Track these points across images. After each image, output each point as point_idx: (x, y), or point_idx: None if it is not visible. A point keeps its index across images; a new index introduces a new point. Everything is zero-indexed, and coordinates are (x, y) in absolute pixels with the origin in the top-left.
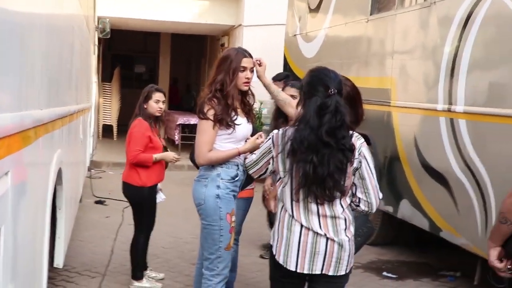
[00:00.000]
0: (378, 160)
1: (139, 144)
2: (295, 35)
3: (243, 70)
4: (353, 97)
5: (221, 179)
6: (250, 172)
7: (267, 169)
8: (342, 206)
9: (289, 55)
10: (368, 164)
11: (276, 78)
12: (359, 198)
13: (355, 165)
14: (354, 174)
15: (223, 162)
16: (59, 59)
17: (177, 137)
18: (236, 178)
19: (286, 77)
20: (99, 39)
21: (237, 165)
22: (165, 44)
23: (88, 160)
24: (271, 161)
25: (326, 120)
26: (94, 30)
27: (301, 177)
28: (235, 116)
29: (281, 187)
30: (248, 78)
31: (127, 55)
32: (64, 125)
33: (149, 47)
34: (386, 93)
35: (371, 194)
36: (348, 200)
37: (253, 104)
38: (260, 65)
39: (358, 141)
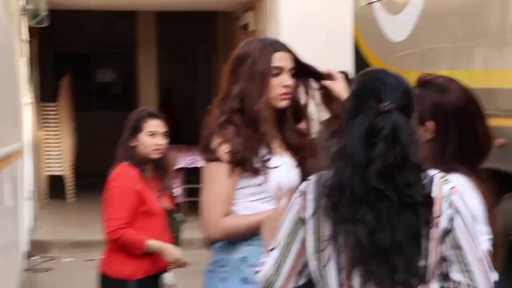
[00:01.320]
0: None
1: (122, 208)
2: (371, 2)
3: (278, 74)
4: (465, 109)
5: (249, 266)
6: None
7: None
8: None
9: (362, 37)
10: (466, 224)
11: None
12: (457, 282)
13: (443, 225)
14: (443, 241)
15: (249, 235)
16: None
17: (178, 190)
18: None
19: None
20: (30, 29)
21: None
22: (147, 32)
23: (26, 241)
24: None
25: (378, 153)
26: (20, 16)
27: (352, 249)
28: (268, 154)
29: (318, 268)
30: (287, 86)
31: (82, 53)
32: None
33: (119, 38)
34: None
35: (476, 274)
36: (437, 286)
37: (310, 128)
38: (332, 78)
39: (444, 185)
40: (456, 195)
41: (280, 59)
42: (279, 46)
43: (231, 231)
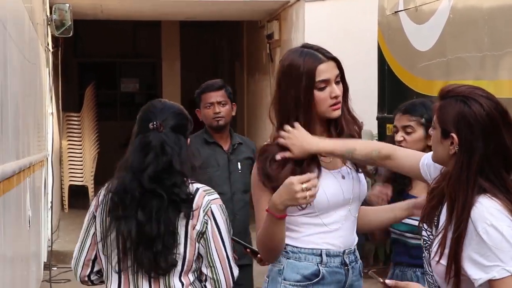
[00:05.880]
0: None
1: None
2: (396, 12)
3: (325, 87)
4: (490, 118)
5: (284, 280)
6: (78, 274)
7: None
8: (181, 284)
9: (387, 46)
10: (218, 227)
11: (207, 89)
12: (204, 274)
13: (198, 227)
14: (199, 241)
15: (278, 242)
16: None
17: None
18: (315, 280)
19: (222, 86)
20: (55, 39)
21: (320, 254)
22: (171, 41)
23: (45, 252)
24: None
25: (150, 160)
26: (46, 25)
27: (122, 237)
28: (315, 169)
29: (105, 259)
30: (336, 97)
31: (106, 63)
32: None
33: (143, 48)
34: None
35: (219, 269)
36: (191, 277)
37: (360, 130)
38: None
39: (207, 196)
40: (215, 205)
41: (325, 70)
42: (322, 56)
43: (259, 240)
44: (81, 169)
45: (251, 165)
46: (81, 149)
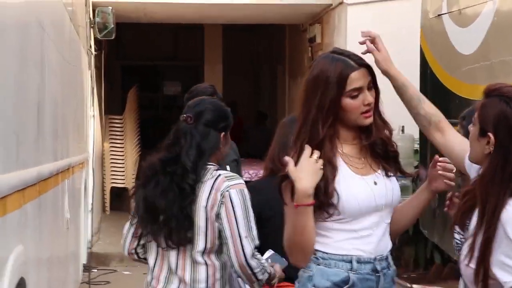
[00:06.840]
0: None
1: None
2: (439, 15)
3: (357, 94)
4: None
5: (314, 286)
6: (125, 247)
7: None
8: (204, 261)
9: (429, 50)
10: (233, 208)
11: (198, 96)
12: (223, 251)
13: (215, 209)
14: (217, 221)
15: (309, 233)
16: (17, 84)
17: None
18: (345, 287)
19: (213, 92)
20: (98, 42)
21: (350, 261)
22: (213, 45)
23: (85, 254)
24: None
25: (166, 146)
26: (89, 28)
27: (136, 208)
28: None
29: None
30: (369, 104)
31: (149, 66)
32: (31, 201)
33: (186, 52)
34: None
35: (230, 245)
36: (213, 256)
37: (391, 134)
38: (375, 45)
39: (227, 181)
40: (234, 190)
41: (357, 78)
42: (353, 62)
43: (286, 243)
44: (123, 171)
45: (236, 166)
46: (123, 151)
